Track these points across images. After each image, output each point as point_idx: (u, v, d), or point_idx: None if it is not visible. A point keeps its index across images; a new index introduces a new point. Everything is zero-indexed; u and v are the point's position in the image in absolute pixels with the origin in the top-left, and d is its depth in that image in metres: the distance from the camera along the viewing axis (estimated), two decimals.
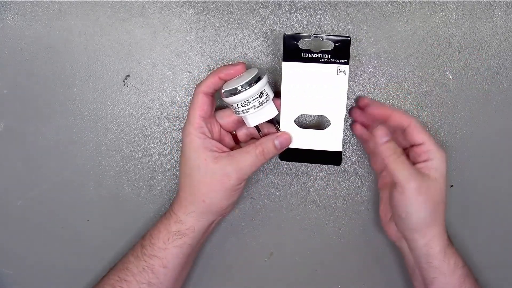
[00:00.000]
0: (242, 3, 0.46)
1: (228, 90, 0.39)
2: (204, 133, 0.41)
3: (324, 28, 0.46)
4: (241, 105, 0.39)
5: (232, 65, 0.41)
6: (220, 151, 0.41)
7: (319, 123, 0.46)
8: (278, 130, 0.43)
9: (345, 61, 0.39)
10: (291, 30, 0.46)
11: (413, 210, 0.40)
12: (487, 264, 0.50)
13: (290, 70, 0.40)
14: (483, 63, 0.47)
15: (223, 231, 0.50)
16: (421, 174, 0.40)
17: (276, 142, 0.41)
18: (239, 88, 0.38)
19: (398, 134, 0.43)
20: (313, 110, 0.42)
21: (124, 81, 0.47)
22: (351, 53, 0.40)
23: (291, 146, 0.43)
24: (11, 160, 0.47)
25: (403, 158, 0.40)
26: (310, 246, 0.50)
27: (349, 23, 0.46)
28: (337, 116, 0.42)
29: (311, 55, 0.39)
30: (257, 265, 0.50)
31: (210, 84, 0.41)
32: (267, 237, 0.50)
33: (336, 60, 0.39)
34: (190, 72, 0.47)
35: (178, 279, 0.43)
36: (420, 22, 0.46)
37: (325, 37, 0.40)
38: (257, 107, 0.40)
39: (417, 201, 0.39)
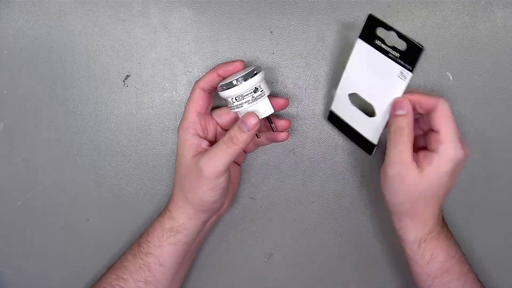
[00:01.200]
0: (242, 3, 0.46)
1: (223, 84, 0.39)
2: (195, 129, 0.41)
3: (324, 28, 0.46)
4: (236, 100, 0.39)
5: (230, 62, 0.41)
6: (203, 150, 0.41)
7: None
8: (273, 129, 0.42)
9: (410, 67, 0.37)
10: (291, 29, 0.46)
11: (389, 194, 0.40)
12: (487, 264, 0.50)
13: (361, 49, 0.40)
14: (483, 63, 0.47)
15: (223, 231, 0.50)
16: (411, 165, 0.38)
17: (242, 124, 0.38)
18: (234, 82, 0.39)
19: (422, 118, 0.42)
20: (367, 95, 0.41)
21: (124, 81, 0.47)
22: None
23: (340, 115, 0.44)
24: (11, 160, 0.47)
25: (404, 140, 0.38)
26: (310, 246, 0.50)
27: (349, 23, 0.46)
28: (384, 113, 0.40)
29: (383, 46, 0.38)
30: (257, 265, 0.50)
31: (208, 81, 0.41)
32: (267, 237, 0.50)
33: (402, 63, 0.38)
34: (190, 72, 0.47)
35: (175, 278, 0.43)
36: (420, 22, 0.46)
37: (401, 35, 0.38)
38: (251, 102, 0.39)
39: (395, 188, 0.39)
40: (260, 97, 0.40)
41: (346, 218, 0.50)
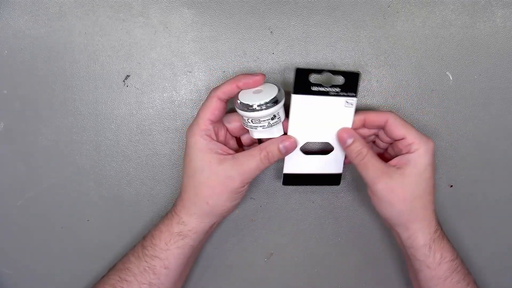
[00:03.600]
0: (242, 3, 0.46)
1: (244, 103, 0.39)
2: (210, 136, 0.41)
3: (324, 28, 0.46)
4: (251, 121, 0.40)
5: (251, 75, 0.40)
6: (225, 153, 0.41)
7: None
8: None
9: (353, 94, 0.40)
10: (291, 29, 0.46)
11: (386, 209, 0.41)
12: (486, 264, 0.50)
13: (300, 102, 0.40)
14: (483, 63, 0.47)
15: (223, 231, 0.50)
16: (391, 172, 0.40)
17: (281, 146, 0.41)
18: (255, 106, 0.38)
19: (381, 133, 0.44)
20: (318, 138, 0.43)
21: (124, 81, 0.47)
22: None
23: (295, 171, 0.44)
24: (11, 160, 0.47)
25: (368, 158, 0.40)
26: (310, 246, 0.50)
27: (349, 23, 0.46)
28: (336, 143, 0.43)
29: (321, 89, 0.40)
30: (257, 265, 0.50)
31: (226, 91, 0.40)
32: (267, 237, 0.50)
33: (345, 94, 0.40)
34: (190, 72, 0.47)
35: (179, 280, 0.43)
36: (420, 22, 0.46)
37: (335, 74, 0.40)
38: (266, 127, 0.40)
39: (389, 201, 0.40)
40: (276, 124, 0.40)
41: (346, 218, 0.50)
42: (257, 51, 0.47)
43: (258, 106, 0.38)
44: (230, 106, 0.45)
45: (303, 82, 0.39)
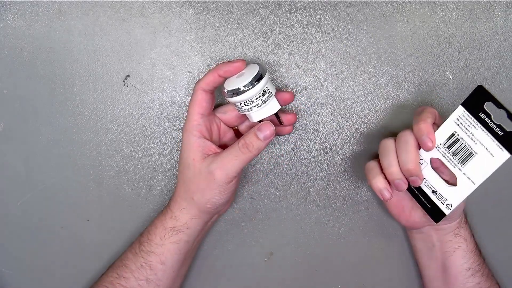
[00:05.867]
0: (242, 3, 0.46)
1: (230, 90, 0.38)
2: (201, 131, 0.41)
3: (324, 28, 0.46)
4: (244, 104, 0.39)
5: (231, 62, 0.39)
6: (211, 152, 0.41)
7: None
8: (281, 123, 0.43)
9: (509, 151, 0.36)
10: (291, 29, 0.46)
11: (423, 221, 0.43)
12: (488, 263, 0.50)
13: (461, 118, 0.37)
14: (483, 63, 0.47)
15: (223, 230, 0.49)
16: None
17: (258, 132, 0.39)
18: (242, 88, 0.38)
19: None
20: (451, 164, 0.39)
21: (124, 81, 0.47)
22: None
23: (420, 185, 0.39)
24: (11, 160, 0.47)
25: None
26: (310, 246, 0.50)
27: (349, 23, 0.46)
28: (468, 186, 0.38)
29: (488, 121, 0.36)
30: (257, 265, 0.50)
31: (209, 82, 0.40)
32: (267, 237, 0.50)
33: (505, 144, 0.35)
34: (190, 72, 0.47)
35: (176, 276, 0.43)
36: (420, 22, 0.46)
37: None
38: (260, 105, 0.39)
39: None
40: (269, 99, 0.39)
41: (346, 218, 0.50)
42: (257, 51, 0.47)
43: (244, 87, 0.38)
44: (221, 101, 0.46)
45: (477, 102, 0.36)
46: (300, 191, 0.49)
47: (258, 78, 0.38)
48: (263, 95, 0.39)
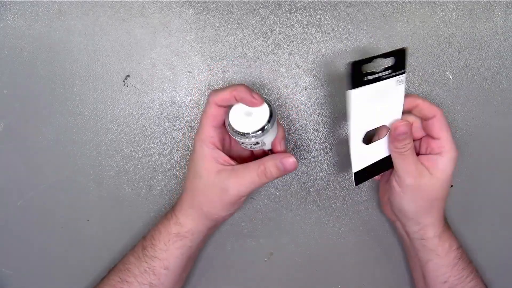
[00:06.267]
0: (242, 3, 0.46)
1: (236, 130, 0.39)
2: (213, 143, 0.40)
3: (324, 28, 0.46)
4: (242, 144, 0.40)
5: (252, 94, 0.38)
6: (226, 164, 0.41)
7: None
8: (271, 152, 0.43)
9: (403, 71, 0.39)
10: (291, 29, 0.46)
11: (406, 204, 0.42)
12: (486, 263, 0.50)
13: (358, 96, 0.38)
14: (483, 63, 0.47)
15: (223, 231, 0.50)
16: (423, 171, 0.40)
17: (279, 164, 0.40)
18: (245, 134, 0.38)
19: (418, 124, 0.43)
20: (376, 124, 0.41)
21: (124, 81, 0.47)
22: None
23: (364, 165, 0.42)
24: (11, 160, 0.47)
25: (410, 151, 0.40)
26: (310, 246, 0.50)
27: (349, 23, 0.46)
28: (396, 120, 0.41)
29: (374, 76, 0.38)
30: (257, 265, 0.50)
31: (224, 99, 0.39)
32: (267, 237, 0.50)
33: (395, 73, 0.39)
34: (190, 72, 0.47)
35: (179, 280, 0.44)
36: (420, 22, 0.46)
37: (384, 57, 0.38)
38: (259, 147, 0.40)
39: (412, 197, 0.41)
40: (265, 145, 0.40)
41: (346, 218, 0.50)
42: (257, 51, 0.47)
43: (245, 134, 0.38)
44: None
45: (357, 75, 0.38)
46: (300, 191, 0.49)
47: (262, 129, 0.38)
48: (255, 144, 0.40)
